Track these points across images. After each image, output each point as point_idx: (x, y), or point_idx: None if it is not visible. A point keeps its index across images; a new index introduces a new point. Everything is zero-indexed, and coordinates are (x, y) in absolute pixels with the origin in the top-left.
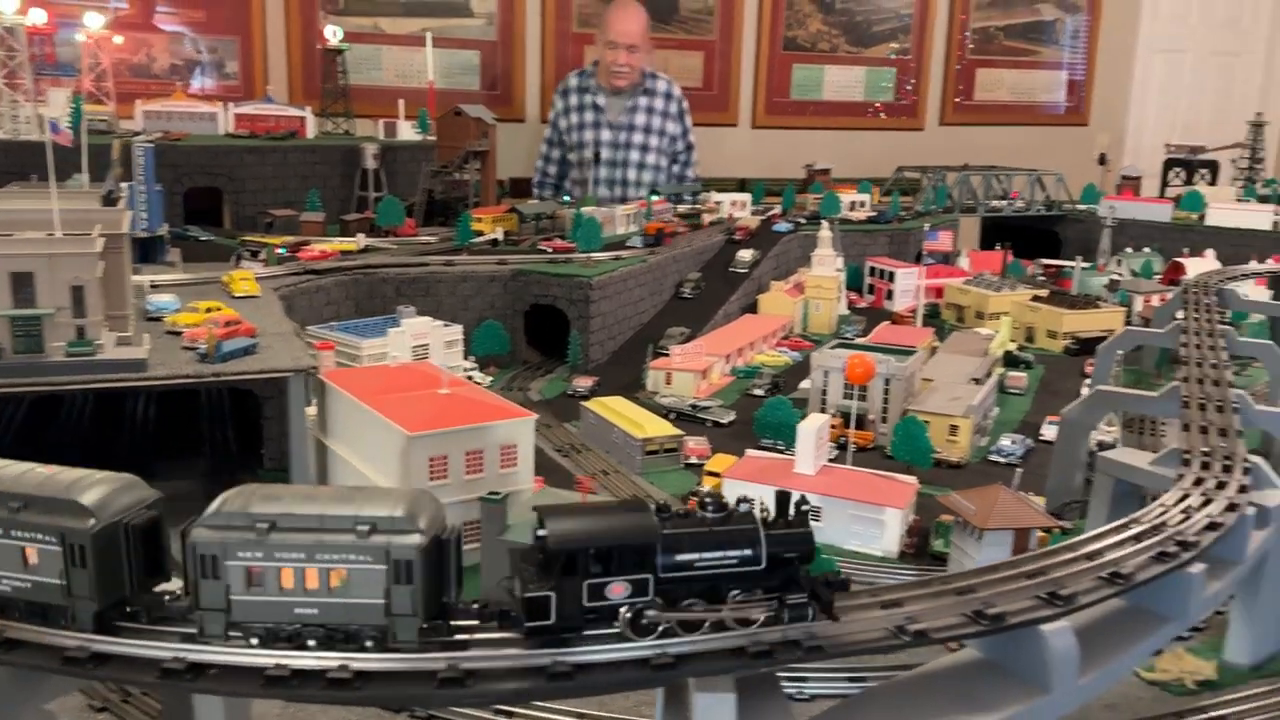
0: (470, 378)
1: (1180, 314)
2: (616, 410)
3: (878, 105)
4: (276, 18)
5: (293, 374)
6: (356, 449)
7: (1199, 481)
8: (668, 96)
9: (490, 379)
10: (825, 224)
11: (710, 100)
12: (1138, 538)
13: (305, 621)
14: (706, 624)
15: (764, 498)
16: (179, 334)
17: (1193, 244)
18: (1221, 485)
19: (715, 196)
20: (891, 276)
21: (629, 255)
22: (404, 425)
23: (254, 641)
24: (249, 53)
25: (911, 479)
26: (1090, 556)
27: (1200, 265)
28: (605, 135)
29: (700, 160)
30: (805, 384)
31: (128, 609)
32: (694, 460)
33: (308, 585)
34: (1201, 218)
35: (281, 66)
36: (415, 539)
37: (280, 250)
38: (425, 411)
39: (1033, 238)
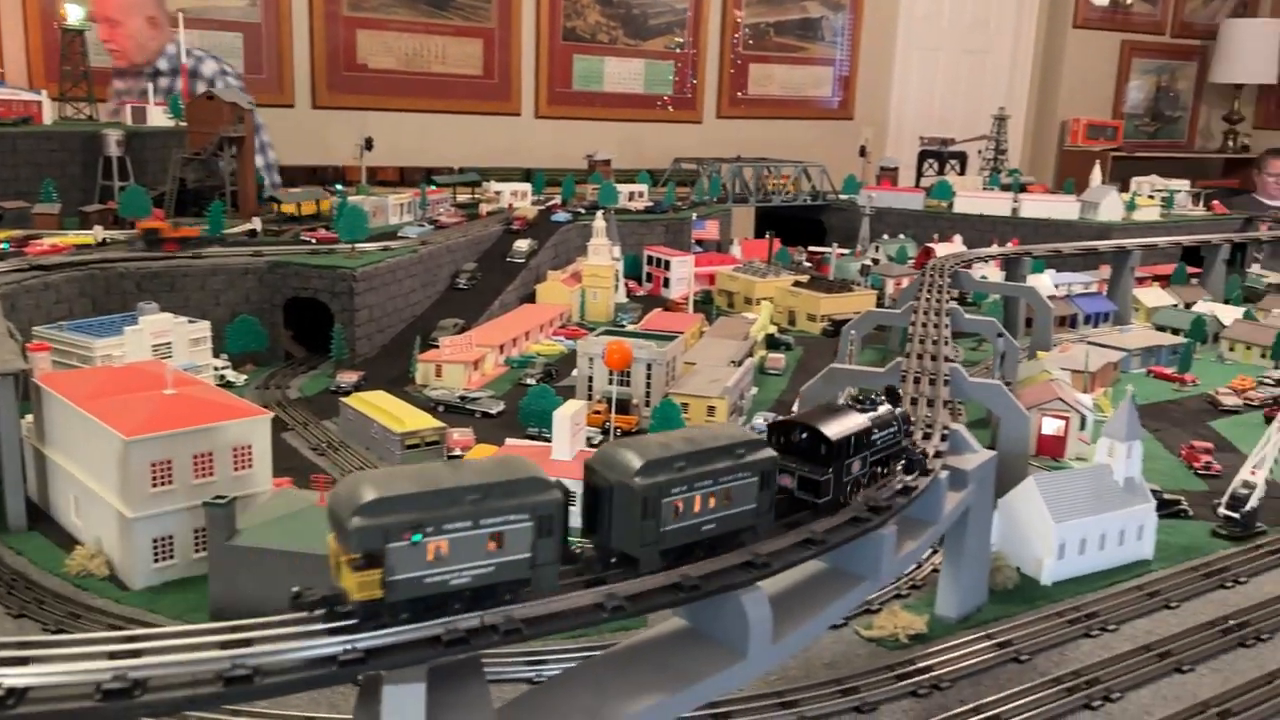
0: (223, 377)
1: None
2: (376, 405)
3: (665, 99)
4: None
5: None
6: (74, 456)
7: None
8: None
9: (246, 377)
10: (600, 214)
11: (491, 89)
12: None
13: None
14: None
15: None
16: None
17: (942, 230)
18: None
19: (495, 186)
20: (667, 265)
21: (399, 246)
22: (120, 429)
23: None
24: None
25: None
26: (790, 525)
27: (949, 250)
28: None
29: (483, 150)
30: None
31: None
32: (458, 452)
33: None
34: (950, 205)
35: (17, 47)
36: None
37: (3, 245)
38: (146, 413)
39: (801, 226)
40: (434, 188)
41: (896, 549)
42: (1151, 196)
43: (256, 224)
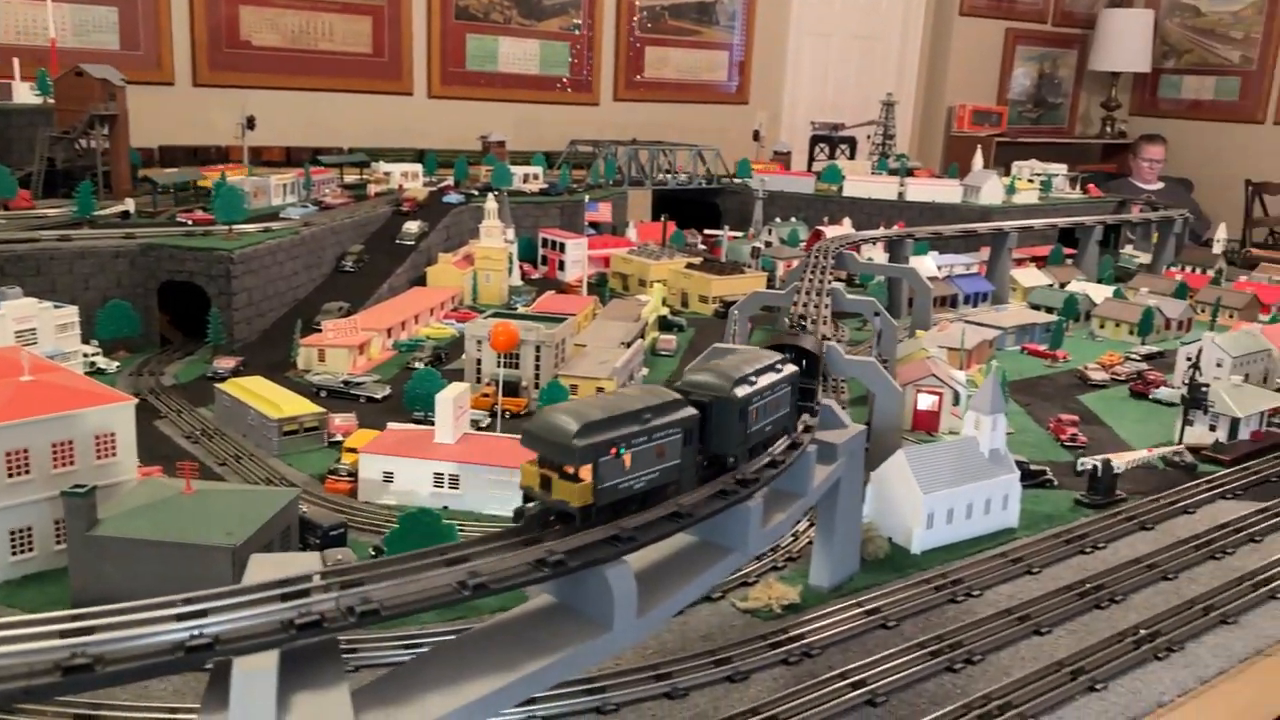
0: (94, 364)
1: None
2: (253, 391)
3: (564, 80)
4: None
5: None
6: None
7: None
8: None
9: (118, 364)
10: (492, 195)
11: (381, 68)
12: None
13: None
14: None
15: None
16: None
17: (832, 213)
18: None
19: (384, 167)
20: (563, 247)
21: (280, 227)
22: None
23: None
24: None
25: None
26: (660, 500)
27: (839, 232)
28: None
29: (374, 130)
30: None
31: None
32: (339, 438)
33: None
34: (840, 189)
35: None
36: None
37: None
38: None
39: (697, 209)
40: (320, 168)
41: (764, 521)
42: (1031, 180)
43: (130, 205)
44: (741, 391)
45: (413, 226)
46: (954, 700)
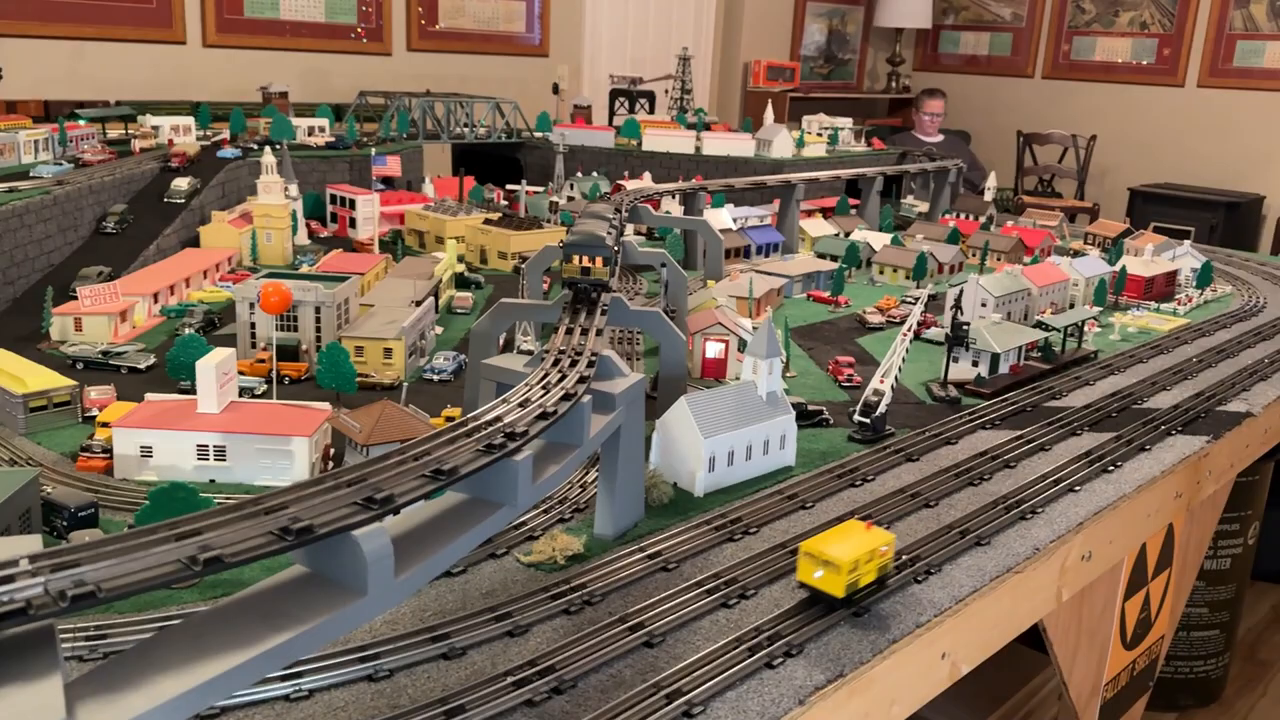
0: None
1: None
2: None
3: (360, 30)
4: None
5: None
6: None
7: (544, 377)
8: None
9: None
10: (269, 149)
11: (148, 14)
12: (469, 433)
13: None
14: None
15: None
16: None
17: (632, 168)
18: (565, 379)
19: (152, 120)
20: (353, 204)
21: (28, 187)
22: None
23: None
24: None
25: (323, 405)
26: (417, 457)
27: (638, 186)
28: None
29: (143, 82)
30: None
31: None
32: (95, 412)
33: None
34: (640, 144)
35: None
36: None
37: None
38: None
39: (499, 164)
40: (78, 123)
41: (536, 475)
42: (820, 134)
43: None
44: None
45: (183, 184)
46: (728, 634)
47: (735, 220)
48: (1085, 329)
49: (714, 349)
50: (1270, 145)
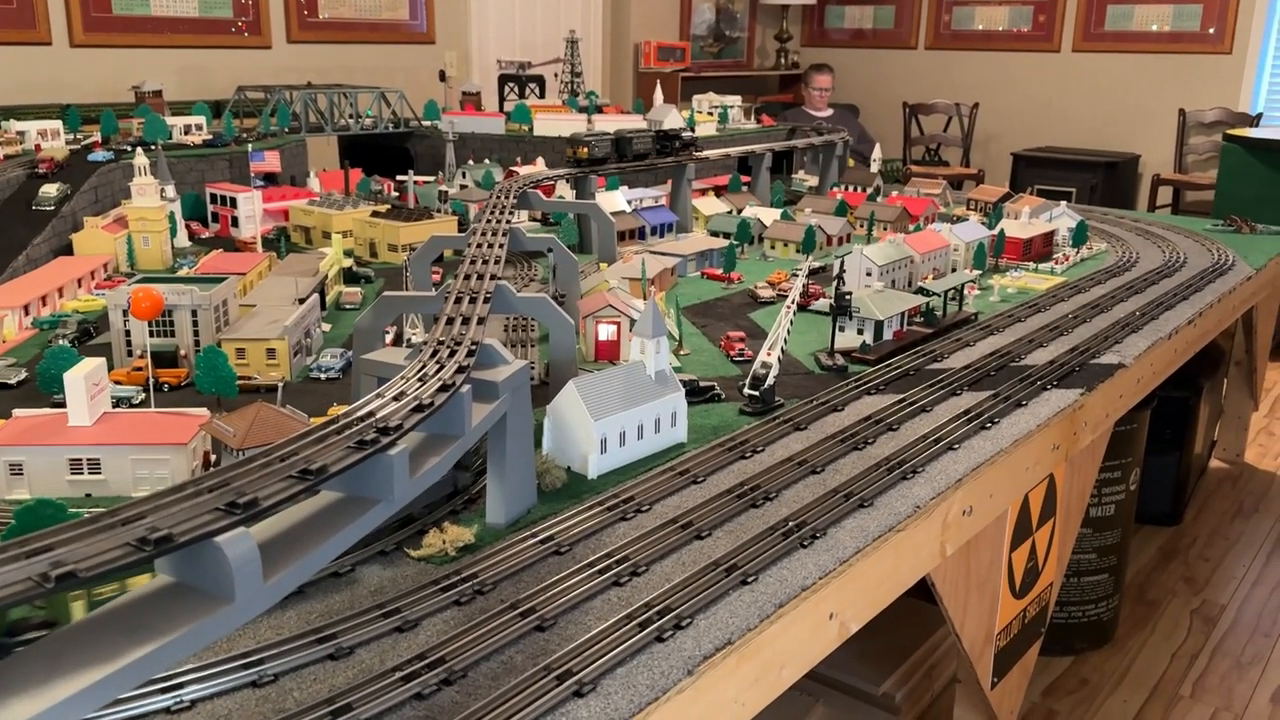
0: None
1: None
2: None
3: (241, 24)
4: None
5: None
6: None
7: (421, 369)
8: None
9: None
10: (140, 150)
11: (8, 15)
12: (339, 430)
13: None
14: None
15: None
16: None
17: (525, 153)
18: (443, 369)
19: (16, 125)
20: (234, 203)
21: None
22: None
23: None
24: None
25: (201, 411)
26: (284, 458)
27: (532, 172)
28: None
29: (7, 85)
30: None
31: None
32: None
33: None
34: (531, 129)
35: None
36: None
37: None
38: None
39: (388, 155)
40: None
41: (415, 468)
42: (710, 113)
43: None
44: None
45: (51, 190)
46: (619, 612)
47: (630, 202)
48: (966, 292)
49: (606, 331)
50: (1144, 106)
